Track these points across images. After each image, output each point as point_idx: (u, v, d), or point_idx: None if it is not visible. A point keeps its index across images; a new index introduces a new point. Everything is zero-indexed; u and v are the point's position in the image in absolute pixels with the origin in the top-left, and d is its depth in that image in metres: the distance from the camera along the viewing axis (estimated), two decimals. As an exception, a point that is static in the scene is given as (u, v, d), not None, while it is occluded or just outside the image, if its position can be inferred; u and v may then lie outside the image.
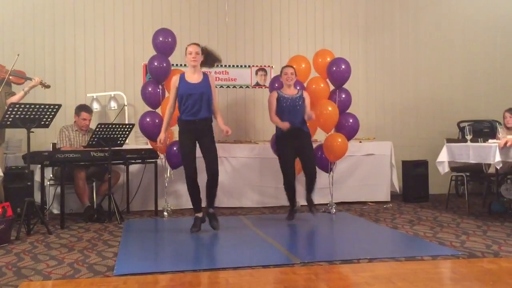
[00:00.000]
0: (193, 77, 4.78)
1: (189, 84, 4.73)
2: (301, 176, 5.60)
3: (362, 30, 7.85)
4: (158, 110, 5.82)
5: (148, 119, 5.68)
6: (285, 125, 5.20)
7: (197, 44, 4.82)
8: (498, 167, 5.19)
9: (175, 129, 5.61)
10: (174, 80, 4.82)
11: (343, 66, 5.96)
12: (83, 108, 6.00)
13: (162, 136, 4.90)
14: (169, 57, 5.83)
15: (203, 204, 4.91)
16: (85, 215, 5.58)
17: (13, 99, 5.30)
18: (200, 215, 4.88)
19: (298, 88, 5.64)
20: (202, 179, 4.84)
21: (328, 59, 6.08)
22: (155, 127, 5.61)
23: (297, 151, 5.33)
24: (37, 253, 4.09)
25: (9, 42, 6.67)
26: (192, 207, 4.98)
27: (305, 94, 5.49)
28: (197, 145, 4.84)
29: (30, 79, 5.41)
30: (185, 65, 6.73)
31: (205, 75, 4.85)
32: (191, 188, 4.80)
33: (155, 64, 5.68)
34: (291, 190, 5.38)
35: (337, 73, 5.96)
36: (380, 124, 7.83)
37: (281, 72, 5.51)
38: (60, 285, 3.25)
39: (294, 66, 5.59)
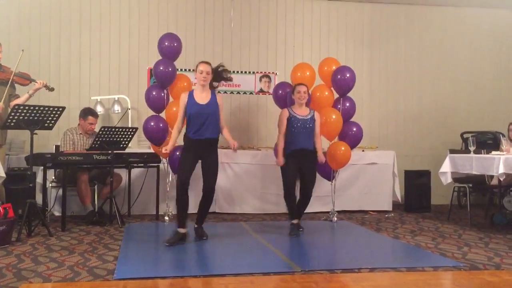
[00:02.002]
0: (202, 96, 4.72)
1: (198, 105, 4.67)
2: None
3: (367, 39, 7.86)
4: (162, 114, 5.83)
5: (152, 123, 5.68)
6: (279, 161, 5.23)
7: (209, 63, 4.75)
8: (502, 179, 5.18)
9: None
10: (183, 98, 4.77)
11: (347, 75, 5.96)
12: (89, 113, 5.99)
13: (169, 147, 4.78)
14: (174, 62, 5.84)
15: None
16: (87, 219, 5.58)
17: (18, 101, 5.29)
18: (183, 231, 4.64)
19: (309, 108, 5.48)
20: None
21: (334, 67, 6.07)
22: (159, 131, 5.61)
23: (300, 171, 5.23)
24: (37, 255, 4.09)
25: (15, 44, 6.68)
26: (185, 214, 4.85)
27: (316, 115, 5.37)
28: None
29: (35, 81, 5.42)
30: (189, 70, 6.81)
31: (213, 94, 4.78)
32: (181, 201, 4.61)
33: (161, 68, 5.68)
34: (292, 199, 5.28)
35: (342, 81, 5.95)
36: (383, 133, 7.83)
37: (293, 90, 5.38)
38: (60, 287, 3.25)
39: (307, 85, 5.50)
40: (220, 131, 4.84)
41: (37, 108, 4.79)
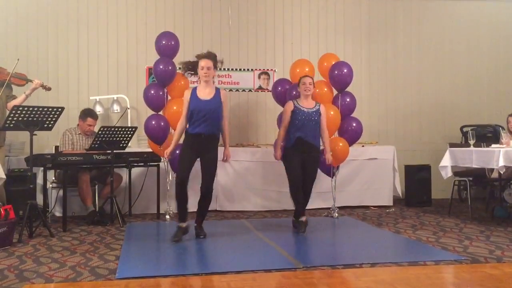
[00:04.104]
0: (205, 92, 4.67)
1: (200, 101, 4.62)
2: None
3: (365, 35, 7.85)
4: (161, 113, 5.82)
5: (153, 122, 5.66)
6: (277, 156, 5.24)
7: (209, 58, 4.67)
8: (502, 172, 5.17)
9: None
10: (186, 95, 4.73)
11: (345, 70, 5.94)
12: (89, 114, 5.98)
13: (170, 149, 4.77)
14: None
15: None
16: (88, 219, 5.58)
17: (15, 102, 5.30)
18: (183, 225, 4.70)
19: (315, 101, 5.44)
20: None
21: (334, 63, 6.06)
22: (161, 130, 5.60)
23: (303, 165, 5.18)
24: (39, 255, 4.09)
25: (12, 44, 6.69)
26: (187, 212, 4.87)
27: (322, 109, 5.32)
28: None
29: (31, 81, 5.41)
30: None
31: (217, 91, 4.73)
32: (180, 196, 4.64)
33: (161, 67, 5.67)
34: (299, 194, 5.20)
35: (339, 77, 5.94)
36: (383, 128, 7.82)
37: (299, 81, 5.36)
38: (62, 288, 3.26)
39: (312, 76, 5.52)
40: (221, 130, 4.80)
41: (36, 108, 4.79)
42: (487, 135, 7.17)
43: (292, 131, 5.20)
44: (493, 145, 5.46)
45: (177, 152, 5.01)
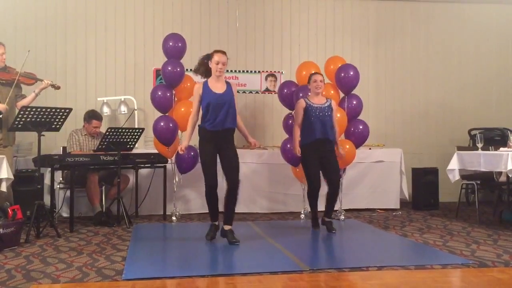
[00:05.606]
0: (218, 86, 4.63)
1: (214, 94, 4.58)
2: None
3: (372, 37, 7.84)
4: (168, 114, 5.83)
5: (162, 124, 5.65)
6: (297, 151, 5.22)
7: (225, 53, 4.64)
8: (510, 175, 5.14)
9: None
10: (197, 88, 4.67)
11: (351, 73, 5.92)
12: (93, 116, 6.00)
13: (185, 144, 4.71)
14: (179, 62, 5.85)
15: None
16: (95, 220, 5.59)
17: (24, 101, 5.32)
18: (216, 223, 4.80)
19: (325, 97, 5.48)
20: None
21: (340, 65, 6.05)
22: (169, 131, 5.60)
23: (322, 160, 5.19)
24: (46, 256, 4.10)
25: (21, 45, 6.71)
26: (207, 212, 4.89)
27: (333, 104, 5.35)
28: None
29: (41, 80, 5.44)
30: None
31: (228, 84, 4.71)
32: (210, 198, 4.66)
33: (169, 68, 5.68)
34: (315, 198, 5.26)
35: (345, 79, 5.93)
36: (390, 131, 7.80)
37: (309, 79, 5.35)
38: (68, 288, 3.26)
39: (322, 74, 5.52)
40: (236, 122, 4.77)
41: (44, 109, 4.81)
42: (495, 138, 7.13)
43: (307, 128, 5.21)
44: (501, 149, 5.43)
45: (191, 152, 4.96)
